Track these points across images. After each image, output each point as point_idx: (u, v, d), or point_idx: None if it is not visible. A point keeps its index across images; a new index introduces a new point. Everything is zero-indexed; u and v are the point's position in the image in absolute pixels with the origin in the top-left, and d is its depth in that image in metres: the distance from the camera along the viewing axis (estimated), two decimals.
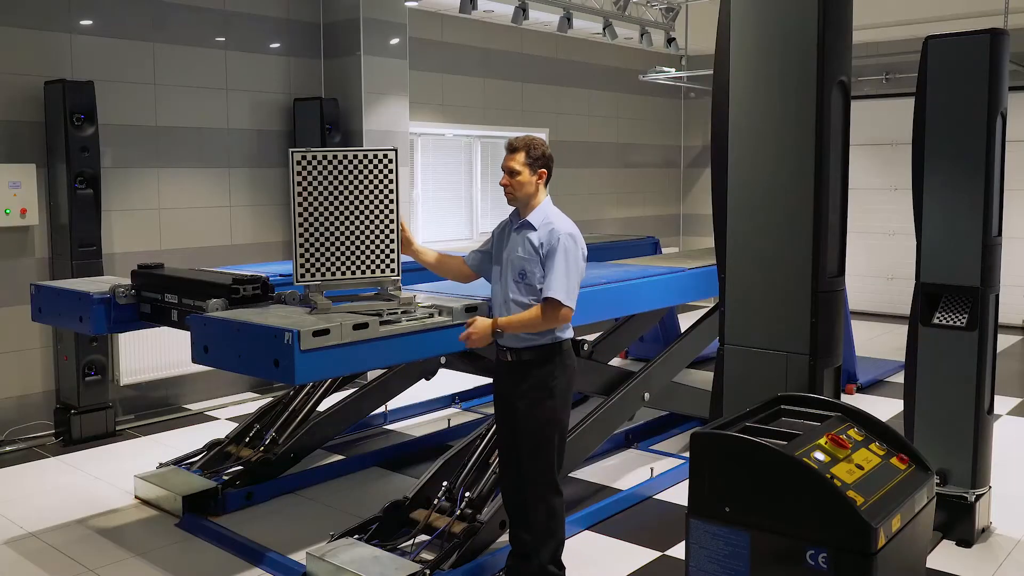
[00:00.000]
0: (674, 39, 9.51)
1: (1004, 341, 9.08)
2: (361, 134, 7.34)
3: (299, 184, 3.69)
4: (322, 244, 3.73)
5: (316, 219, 3.72)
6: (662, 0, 9.37)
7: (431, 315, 3.74)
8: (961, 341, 4.19)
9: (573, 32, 8.90)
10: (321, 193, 3.72)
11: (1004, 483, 4.89)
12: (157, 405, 6.72)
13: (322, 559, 3.86)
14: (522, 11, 7.71)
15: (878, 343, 9.10)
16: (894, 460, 2.74)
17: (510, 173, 3.62)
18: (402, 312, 3.65)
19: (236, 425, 5.65)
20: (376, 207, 3.78)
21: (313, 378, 3.54)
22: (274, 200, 7.35)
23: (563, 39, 9.97)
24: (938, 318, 4.26)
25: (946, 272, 4.21)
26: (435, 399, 6.80)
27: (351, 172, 3.75)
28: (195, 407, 6.83)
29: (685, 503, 2.69)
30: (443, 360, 5.18)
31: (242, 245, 7.13)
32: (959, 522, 4.26)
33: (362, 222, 3.77)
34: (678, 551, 4.23)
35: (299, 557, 4.11)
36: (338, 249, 3.75)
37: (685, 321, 6.69)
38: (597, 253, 6.58)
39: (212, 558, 4.24)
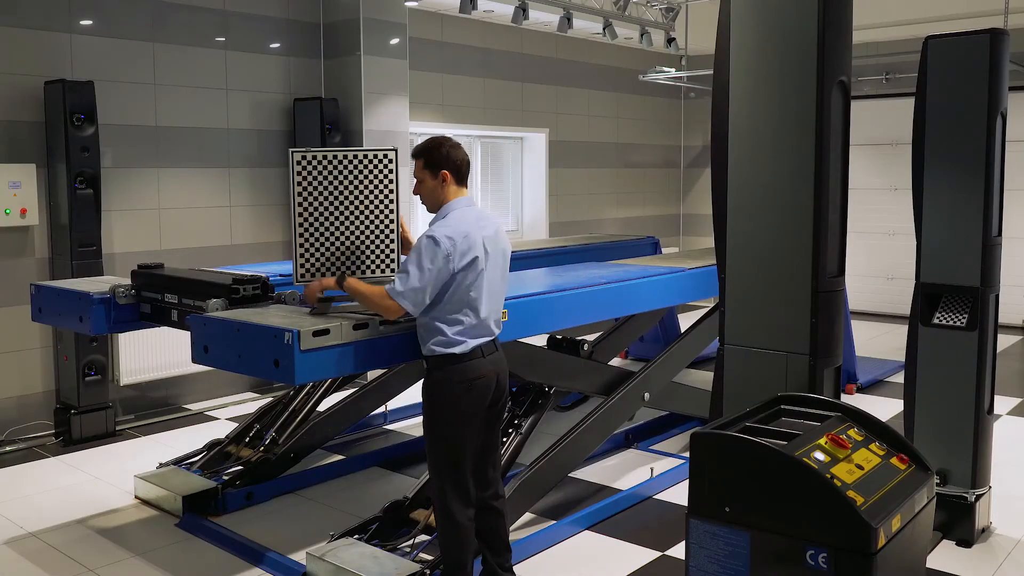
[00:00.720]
0: (674, 39, 9.51)
1: (1004, 341, 9.08)
2: (361, 134, 7.34)
3: (299, 184, 3.70)
4: (322, 244, 3.73)
5: (316, 219, 3.72)
6: (662, 0, 9.37)
7: None
8: (961, 341, 4.19)
9: (573, 32, 8.90)
10: (321, 193, 3.72)
11: (1004, 483, 4.89)
12: (157, 405, 6.72)
13: (322, 559, 3.87)
14: (522, 11, 7.72)
15: (878, 343, 9.10)
16: (894, 460, 2.74)
17: (417, 183, 3.50)
18: None
19: (236, 425, 5.65)
20: (376, 207, 3.79)
21: (313, 378, 3.54)
22: (274, 200, 7.35)
23: (563, 39, 9.97)
24: (938, 318, 4.26)
25: (946, 272, 4.21)
26: None
27: (351, 172, 3.75)
28: (195, 407, 6.83)
29: (685, 503, 2.69)
30: None
31: (242, 245, 7.13)
32: (959, 522, 4.26)
33: (362, 222, 3.77)
34: (678, 551, 4.23)
35: (299, 557, 4.11)
36: (338, 249, 3.76)
37: (685, 321, 6.69)
38: (597, 253, 6.59)
39: (212, 558, 4.24)
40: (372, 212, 3.77)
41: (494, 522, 3.66)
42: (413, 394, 6.23)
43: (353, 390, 5.67)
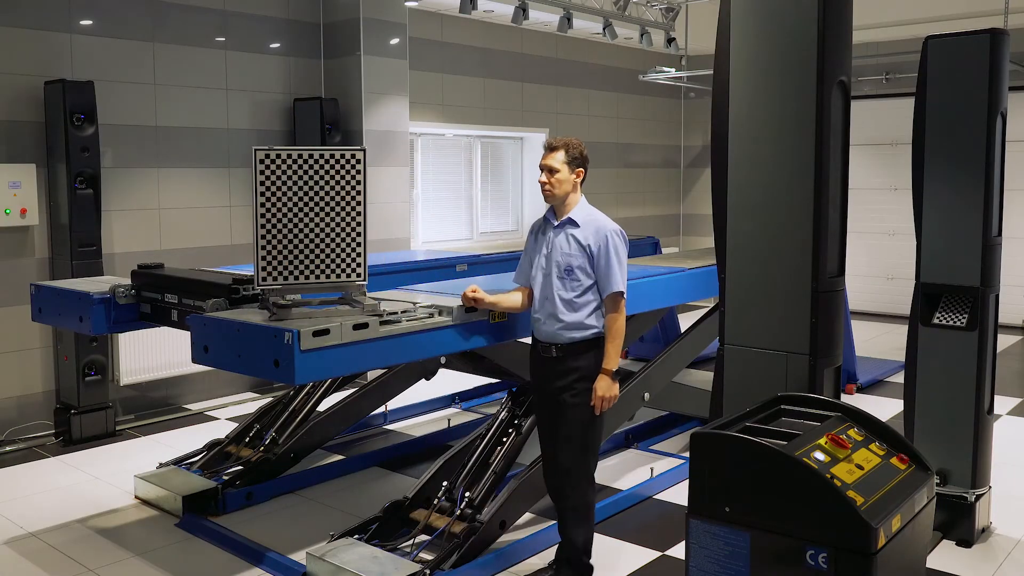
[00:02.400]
0: (674, 39, 9.51)
1: (1004, 341, 9.08)
2: (361, 134, 7.34)
3: (262, 184, 3.56)
4: (285, 246, 3.61)
5: (279, 220, 3.59)
6: (662, 0, 9.37)
7: (431, 315, 3.73)
8: (961, 341, 4.19)
9: (573, 32, 8.90)
10: (285, 193, 3.59)
11: (1004, 483, 4.89)
12: (157, 405, 6.72)
13: (322, 559, 3.86)
14: (522, 11, 7.72)
15: (878, 343, 9.10)
16: (894, 460, 2.74)
17: (549, 171, 3.72)
18: (402, 312, 3.65)
19: (236, 425, 5.65)
20: (342, 208, 3.68)
21: (313, 378, 3.54)
22: None
23: (563, 39, 9.97)
24: (938, 318, 4.26)
25: (946, 272, 4.21)
26: (435, 399, 6.80)
27: (317, 172, 3.63)
28: (195, 407, 6.83)
29: (685, 503, 2.69)
30: (443, 360, 5.18)
31: (242, 245, 7.13)
32: (959, 522, 4.26)
33: (327, 224, 3.65)
34: (678, 551, 4.23)
35: (299, 557, 4.11)
36: (301, 252, 3.63)
37: (685, 321, 6.69)
38: None
39: (212, 558, 4.24)
40: (338, 214, 3.67)
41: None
42: (413, 394, 6.25)
43: (353, 390, 5.67)
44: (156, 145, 6.61)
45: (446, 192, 9.29)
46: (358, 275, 3.69)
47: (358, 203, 3.71)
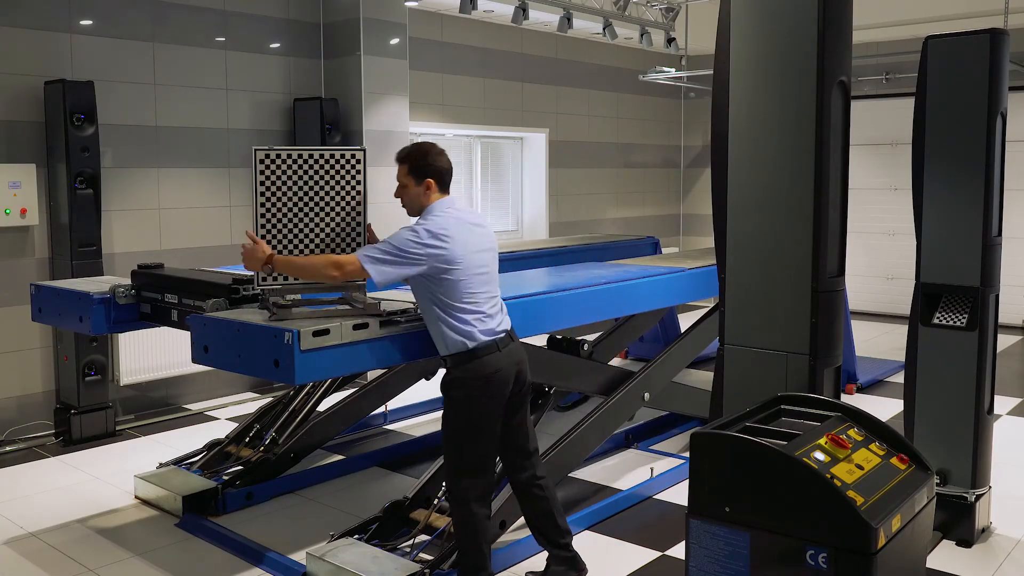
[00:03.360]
0: (674, 39, 9.51)
1: (1004, 341, 9.08)
2: (361, 134, 7.34)
3: (262, 184, 3.58)
4: (285, 246, 3.63)
5: (279, 219, 3.61)
6: (662, 0, 9.37)
7: None
8: (961, 341, 4.19)
9: (573, 32, 8.90)
10: (285, 193, 3.61)
11: (1004, 483, 4.89)
12: (157, 405, 6.72)
13: (322, 559, 3.87)
14: (522, 11, 7.71)
15: (878, 343, 9.10)
16: (894, 460, 2.74)
17: (400, 188, 3.57)
18: (402, 312, 3.65)
19: (236, 425, 5.65)
20: (343, 208, 3.69)
21: (313, 378, 3.54)
22: None
23: (563, 39, 9.97)
24: (938, 318, 4.26)
25: (946, 272, 4.21)
26: (435, 399, 6.79)
27: (317, 172, 3.65)
28: (195, 407, 6.83)
29: (685, 503, 2.69)
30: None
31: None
32: (959, 522, 4.26)
33: (328, 224, 3.67)
34: (678, 551, 4.23)
35: (299, 557, 4.11)
36: (301, 251, 3.65)
37: (685, 321, 6.69)
38: (597, 253, 6.59)
39: (212, 558, 4.24)
40: (339, 214, 3.68)
41: (540, 507, 3.77)
42: (413, 394, 6.25)
43: (353, 390, 5.67)
44: (156, 145, 6.61)
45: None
46: None
47: (358, 203, 3.72)
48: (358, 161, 3.70)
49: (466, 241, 3.45)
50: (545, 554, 4.02)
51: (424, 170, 3.51)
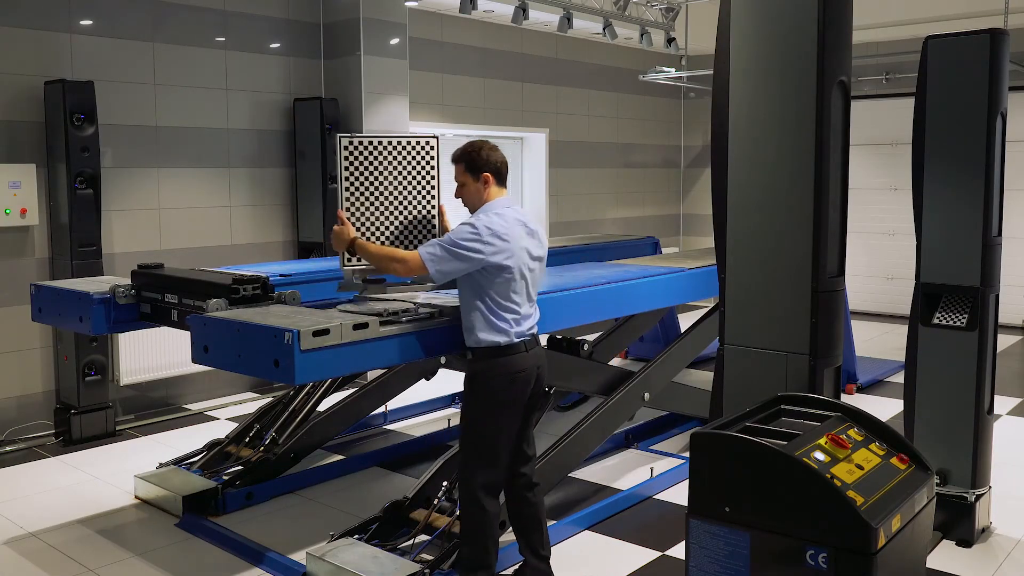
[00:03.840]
0: (674, 39, 9.51)
1: (1004, 341, 9.09)
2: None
3: (346, 169, 3.81)
4: (367, 229, 3.85)
5: (362, 203, 3.84)
6: (662, 0, 9.37)
7: (431, 315, 3.74)
8: (961, 341, 4.19)
9: (573, 32, 8.90)
10: (367, 178, 3.84)
11: (1004, 483, 4.89)
12: (157, 405, 6.72)
13: (322, 559, 3.87)
14: (522, 11, 7.71)
15: (878, 343, 9.10)
16: (894, 460, 2.74)
17: (459, 187, 3.72)
18: (402, 312, 3.65)
19: (236, 425, 5.65)
20: (418, 192, 3.91)
21: (313, 378, 3.54)
22: (274, 200, 7.35)
23: (563, 39, 9.97)
24: (938, 318, 4.26)
25: (946, 272, 4.21)
26: (435, 399, 6.80)
27: (395, 158, 3.87)
28: (195, 407, 6.83)
29: (685, 503, 2.69)
30: (443, 360, 5.17)
31: (242, 245, 7.13)
32: (959, 522, 4.26)
33: (405, 207, 3.89)
34: (678, 551, 4.23)
35: (299, 557, 4.11)
36: (382, 234, 3.87)
37: (685, 321, 6.69)
38: (597, 253, 6.59)
39: (212, 558, 4.24)
40: (415, 197, 3.91)
41: (530, 513, 3.79)
42: (413, 394, 6.25)
43: (353, 390, 5.67)
44: (156, 145, 6.61)
45: (446, 192, 9.27)
46: None
47: (433, 186, 3.94)
48: (432, 147, 3.93)
49: (522, 245, 3.56)
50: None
51: (481, 166, 3.64)
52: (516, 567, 3.90)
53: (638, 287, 4.93)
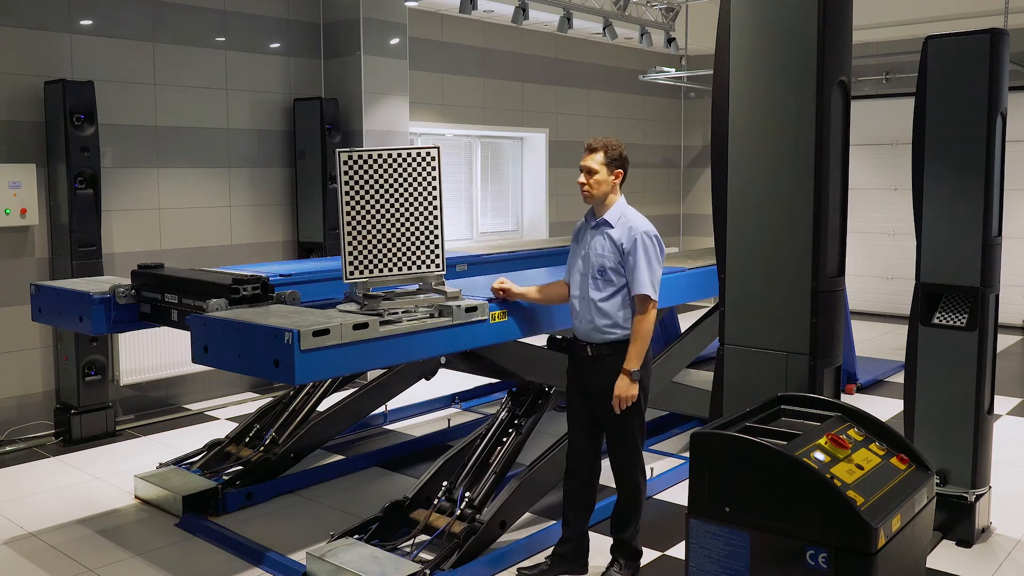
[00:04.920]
0: (674, 39, 9.51)
1: (1004, 341, 9.08)
2: (361, 134, 7.34)
3: (346, 183, 3.78)
4: (369, 242, 3.82)
5: (364, 217, 3.81)
6: (662, 0, 9.37)
7: (431, 315, 3.74)
8: (961, 341, 4.19)
9: (573, 32, 8.90)
10: (368, 192, 3.81)
11: (1004, 483, 4.89)
12: (157, 405, 6.72)
13: (322, 559, 3.87)
14: (522, 11, 7.71)
15: (878, 343, 9.10)
16: (894, 460, 2.74)
17: (588, 172, 3.77)
18: (402, 312, 3.65)
19: (236, 425, 5.65)
20: (420, 204, 3.88)
21: (313, 378, 3.54)
22: (274, 200, 7.35)
23: (563, 39, 9.97)
24: (938, 318, 4.26)
25: (946, 272, 4.21)
26: (435, 399, 6.80)
27: (396, 170, 3.84)
28: (195, 407, 6.83)
29: (685, 503, 2.69)
30: (443, 360, 5.17)
31: (242, 245, 7.13)
32: (959, 522, 4.26)
33: (407, 219, 3.86)
34: (678, 551, 4.23)
35: (299, 557, 4.12)
36: (384, 246, 3.84)
37: (685, 321, 6.69)
38: None
39: (212, 558, 4.24)
40: (417, 209, 3.87)
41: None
42: (413, 394, 6.25)
43: (353, 390, 5.67)
44: (156, 145, 6.61)
45: (446, 192, 9.25)
46: (436, 266, 3.89)
47: (435, 197, 3.89)
48: (433, 159, 3.89)
49: None
50: (544, 554, 4.04)
51: (620, 163, 3.78)
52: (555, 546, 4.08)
53: None
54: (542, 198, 10.10)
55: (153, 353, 6.44)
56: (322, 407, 5.46)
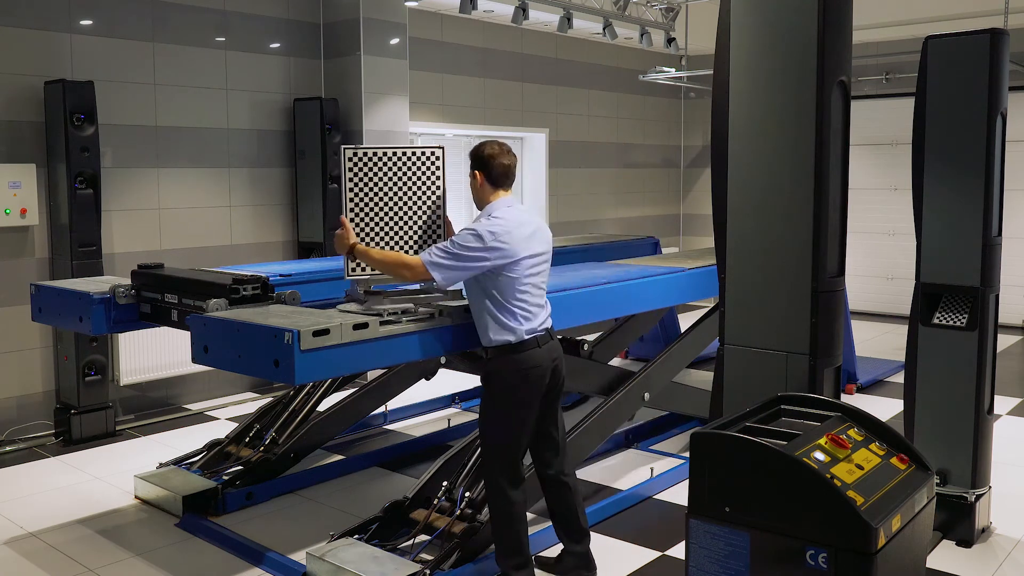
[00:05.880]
0: (674, 39, 9.51)
1: (1004, 341, 9.08)
2: (361, 134, 7.35)
3: (350, 180, 3.82)
4: (372, 239, 3.85)
5: (366, 214, 3.84)
6: (662, 0, 9.37)
7: (431, 315, 3.74)
8: (961, 341, 4.19)
9: (573, 32, 8.90)
10: (371, 189, 3.85)
11: (1004, 483, 4.89)
12: (157, 405, 6.72)
13: (322, 559, 3.87)
14: (522, 11, 7.71)
15: (878, 343, 9.10)
16: (894, 460, 2.74)
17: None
18: (402, 312, 3.65)
19: (236, 425, 5.65)
20: (424, 203, 3.91)
21: (313, 378, 3.54)
22: (274, 200, 7.35)
23: (563, 39, 9.97)
24: (938, 318, 4.26)
25: (946, 272, 4.21)
26: (435, 399, 6.80)
27: (400, 169, 3.87)
28: (195, 407, 6.83)
29: (685, 503, 2.69)
30: (443, 360, 5.18)
31: (242, 245, 7.13)
32: (959, 522, 4.26)
33: (410, 217, 3.89)
34: (678, 551, 4.23)
35: (299, 557, 4.12)
36: (387, 244, 3.87)
37: (685, 321, 6.69)
38: (597, 253, 6.59)
39: (212, 558, 4.24)
40: (420, 208, 3.91)
41: (564, 497, 3.90)
42: (413, 394, 6.25)
43: (353, 390, 5.67)
44: (156, 145, 6.61)
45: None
46: None
47: (438, 196, 3.94)
48: (437, 158, 3.94)
49: (524, 244, 3.61)
50: (544, 554, 4.03)
51: (481, 166, 3.71)
52: (558, 554, 3.99)
53: (638, 287, 4.93)
54: (542, 198, 10.10)
55: (153, 353, 6.44)
56: (322, 407, 5.46)
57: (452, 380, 6.82)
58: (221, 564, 4.17)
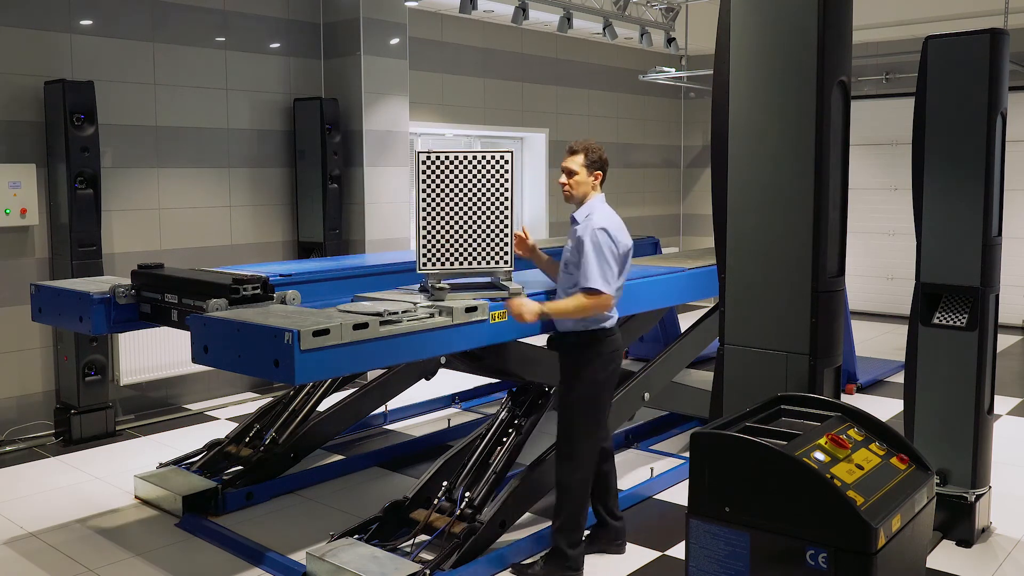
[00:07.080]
0: (674, 39, 9.51)
1: (1004, 341, 9.09)
2: (361, 134, 7.35)
3: (424, 182, 3.97)
4: (443, 236, 4.00)
5: (438, 214, 3.99)
6: (662, 0, 9.37)
7: (431, 315, 3.74)
8: (961, 341, 4.19)
9: (573, 32, 8.90)
10: (444, 190, 3.99)
11: (1004, 483, 4.89)
12: (157, 405, 6.72)
13: (322, 559, 3.87)
14: (522, 11, 7.71)
15: (878, 343, 9.10)
16: (894, 460, 2.74)
17: (568, 174, 4.02)
18: (402, 312, 3.65)
19: (236, 425, 5.65)
20: (493, 203, 4.04)
21: (313, 378, 3.54)
22: (274, 200, 7.35)
23: (563, 39, 9.97)
24: (938, 318, 4.26)
25: (946, 272, 4.21)
26: (435, 399, 6.80)
27: (471, 171, 4.01)
28: (195, 407, 6.83)
29: (685, 503, 2.69)
30: (443, 360, 5.18)
31: (242, 245, 7.13)
32: (959, 522, 4.26)
33: (480, 217, 4.03)
34: (678, 551, 4.23)
35: (299, 557, 4.12)
36: (457, 241, 4.01)
37: (685, 321, 6.69)
38: None
39: (212, 558, 4.24)
40: (489, 208, 4.03)
41: (606, 478, 4.19)
42: (413, 394, 6.25)
43: (353, 390, 5.67)
44: (156, 145, 6.61)
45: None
46: (505, 262, 4.07)
47: (506, 198, 4.07)
48: (507, 161, 4.06)
49: (625, 235, 3.91)
50: (543, 554, 4.03)
51: (600, 165, 4.08)
52: (588, 530, 4.15)
53: (638, 287, 4.93)
54: (542, 198, 10.11)
55: (153, 353, 6.44)
56: (322, 407, 5.46)
57: (452, 380, 6.82)
58: (221, 564, 4.17)
